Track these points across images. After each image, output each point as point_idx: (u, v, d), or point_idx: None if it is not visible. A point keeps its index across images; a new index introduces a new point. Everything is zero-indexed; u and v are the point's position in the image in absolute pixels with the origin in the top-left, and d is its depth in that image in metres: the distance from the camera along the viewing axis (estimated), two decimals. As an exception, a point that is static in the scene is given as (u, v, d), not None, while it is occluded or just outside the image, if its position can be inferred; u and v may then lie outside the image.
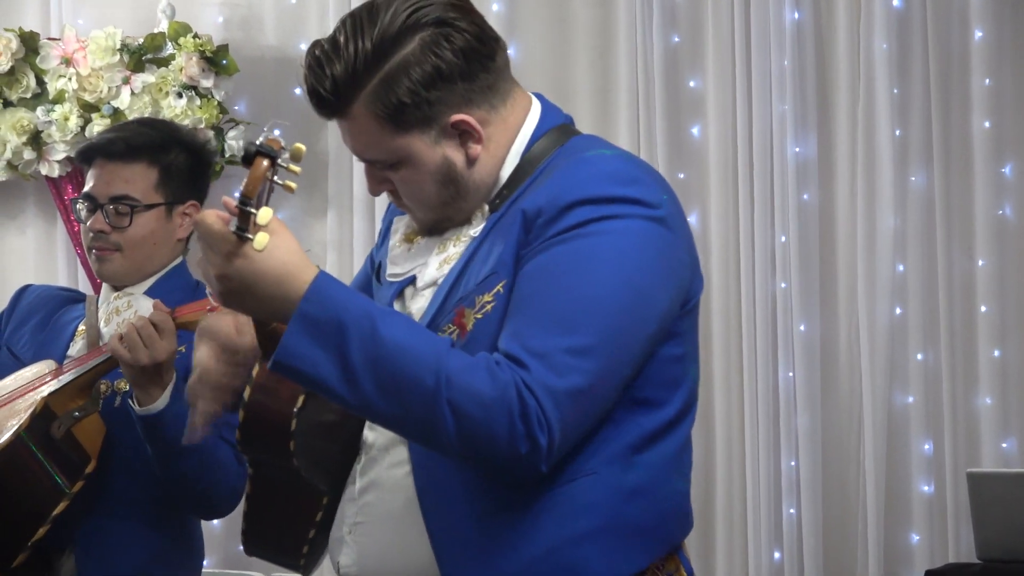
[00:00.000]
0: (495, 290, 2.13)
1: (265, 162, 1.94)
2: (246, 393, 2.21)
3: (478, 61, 2.19)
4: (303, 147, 1.99)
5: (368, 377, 2.01)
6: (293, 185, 1.98)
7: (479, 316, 2.13)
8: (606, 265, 2.09)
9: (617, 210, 2.11)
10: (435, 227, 2.29)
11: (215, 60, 5.44)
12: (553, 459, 2.07)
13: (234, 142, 5.48)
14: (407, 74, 2.16)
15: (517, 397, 2.02)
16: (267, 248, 1.98)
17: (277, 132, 2.06)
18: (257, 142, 1.96)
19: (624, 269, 2.10)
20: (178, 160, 3.31)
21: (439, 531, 2.16)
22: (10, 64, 5.42)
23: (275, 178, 1.96)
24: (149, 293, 3.26)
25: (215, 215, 2.01)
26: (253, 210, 1.94)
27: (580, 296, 2.07)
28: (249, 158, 1.94)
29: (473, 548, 2.14)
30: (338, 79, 2.18)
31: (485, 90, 2.21)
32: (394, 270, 2.34)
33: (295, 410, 2.18)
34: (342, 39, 2.20)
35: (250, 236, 1.96)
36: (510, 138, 2.25)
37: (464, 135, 2.21)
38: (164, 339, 2.94)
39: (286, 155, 1.97)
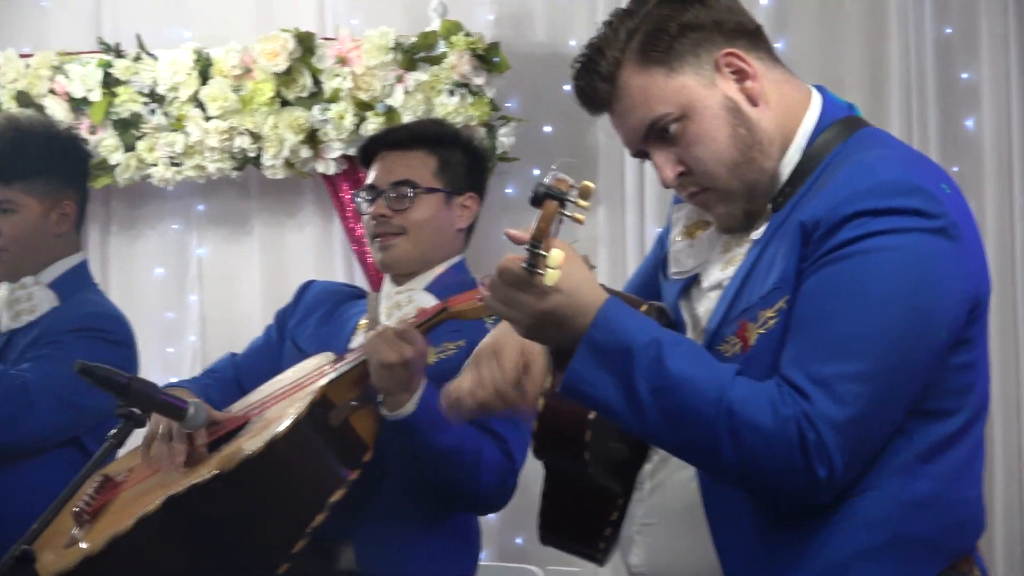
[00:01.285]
0: (777, 306, 2.12)
1: (554, 203, 1.97)
2: (540, 403, 2.25)
3: (739, 13, 2.23)
4: (592, 185, 2.01)
5: (652, 405, 2.04)
6: (582, 218, 2.00)
7: (762, 331, 2.13)
8: (887, 286, 2.05)
9: (896, 223, 2.07)
10: (736, 218, 2.25)
11: (486, 58, 5.49)
12: (836, 489, 2.06)
13: (505, 139, 5.54)
14: (670, 16, 2.19)
15: (797, 431, 2.02)
16: (557, 284, 2.01)
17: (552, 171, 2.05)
18: (545, 183, 1.99)
19: (905, 289, 2.05)
20: (455, 155, 3.39)
21: (724, 541, 2.18)
22: (287, 64, 5.57)
23: (564, 211, 1.99)
24: (428, 289, 3.32)
25: (509, 257, 2.04)
26: (544, 252, 1.98)
27: (860, 320, 2.04)
28: (539, 200, 1.98)
29: (759, 561, 2.14)
30: (606, 53, 2.21)
31: (752, 37, 2.22)
32: (676, 267, 2.34)
33: (589, 419, 2.22)
34: (604, 29, 2.25)
35: (541, 272, 1.99)
36: (789, 115, 2.23)
37: (738, 73, 2.20)
38: (409, 342, 2.97)
39: (575, 193, 1.99)
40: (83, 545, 2.92)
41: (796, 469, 2.03)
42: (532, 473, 2.90)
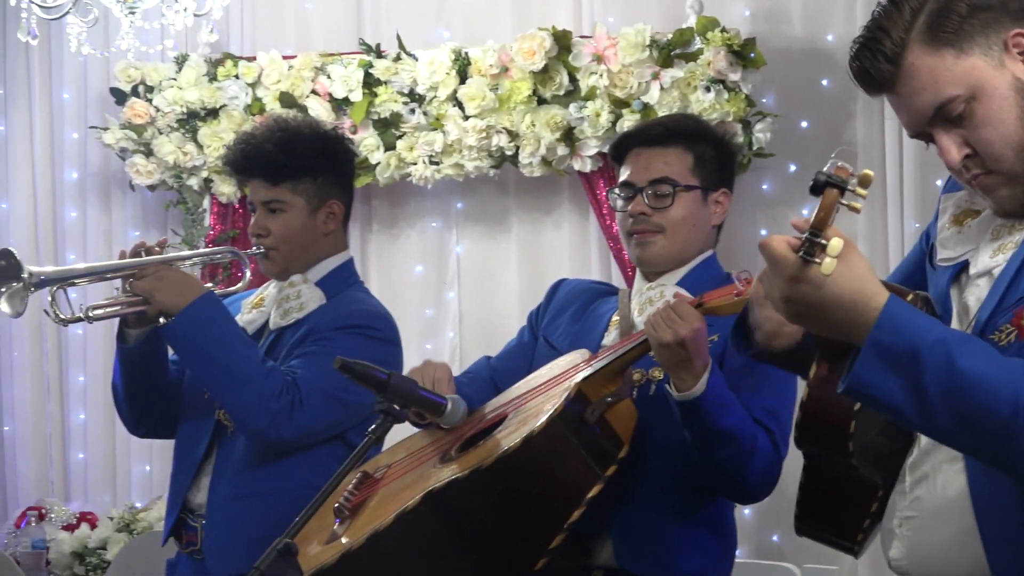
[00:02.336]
0: None
1: (835, 192, 1.95)
2: (804, 393, 2.22)
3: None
4: (871, 173, 1.98)
5: (942, 407, 1.98)
6: (859, 206, 1.97)
7: None
8: None
9: None
10: (1019, 201, 2.19)
11: (742, 53, 5.43)
12: None
13: (761, 135, 5.47)
14: None
15: None
16: (835, 274, 1.97)
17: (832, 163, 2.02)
18: (826, 171, 1.96)
19: None
20: (708, 151, 3.36)
21: (992, 535, 2.11)
22: (544, 62, 5.59)
23: (842, 200, 1.96)
24: (680, 284, 3.28)
25: (781, 240, 2.01)
26: (824, 240, 1.95)
27: None
28: (819, 189, 1.95)
29: None
30: (890, 33, 2.15)
31: None
32: (945, 254, 2.28)
33: (854, 410, 2.18)
34: (886, 7, 2.17)
35: (817, 261, 1.96)
36: None
37: None
38: (685, 320, 2.94)
39: (854, 182, 1.97)
40: (343, 540, 2.95)
41: None
42: (789, 469, 2.86)
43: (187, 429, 3.74)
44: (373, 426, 2.74)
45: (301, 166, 3.70)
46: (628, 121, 5.46)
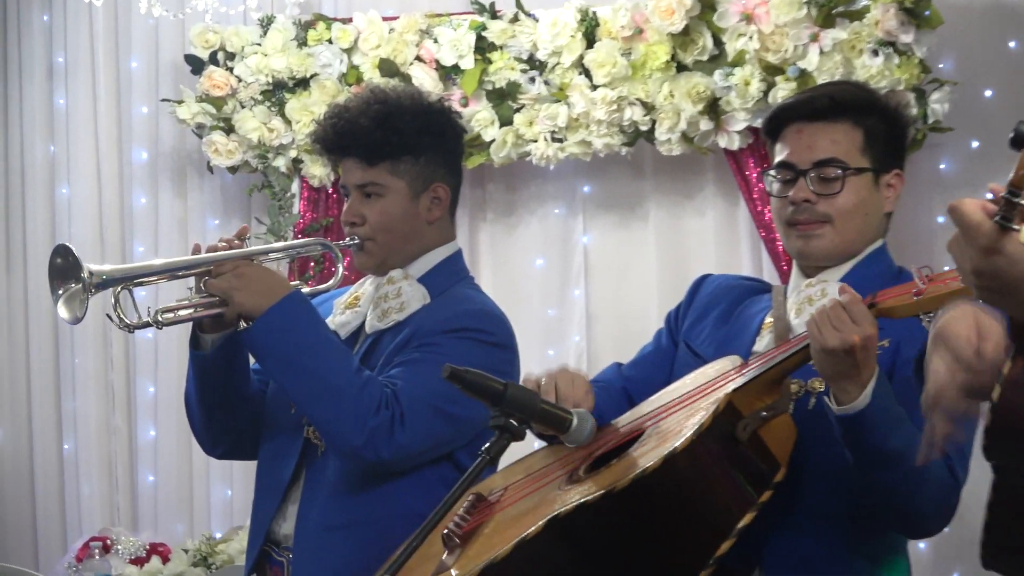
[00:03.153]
0: None
1: None
2: (994, 393, 2.19)
3: None
4: None
5: None
6: None
7: None
8: None
9: None
10: None
11: (916, 11, 5.36)
12: None
13: (938, 106, 5.42)
14: None
15: None
16: None
17: None
18: None
19: None
20: (879, 126, 3.32)
21: None
22: (684, 23, 5.57)
23: None
24: (846, 280, 3.23)
25: (975, 204, 2.00)
26: (1023, 200, 1.94)
27: None
28: (1020, 142, 1.93)
29: None
30: None
31: None
32: None
33: None
34: None
35: (1016, 228, 1.95)
36: None
37: None
38: (857, 322, 2.90)
39: None
40: (453, 572, 2.97)
41: None
42: (970, 497, 2.84)
43: (271, 449, 3.77)
44: (487, 444, 2.76)
45: (402, 144, 3.71)
46: (782, 91, 5.44)
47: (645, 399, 3.27)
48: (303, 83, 6.27)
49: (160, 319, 3.52)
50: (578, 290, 6.14)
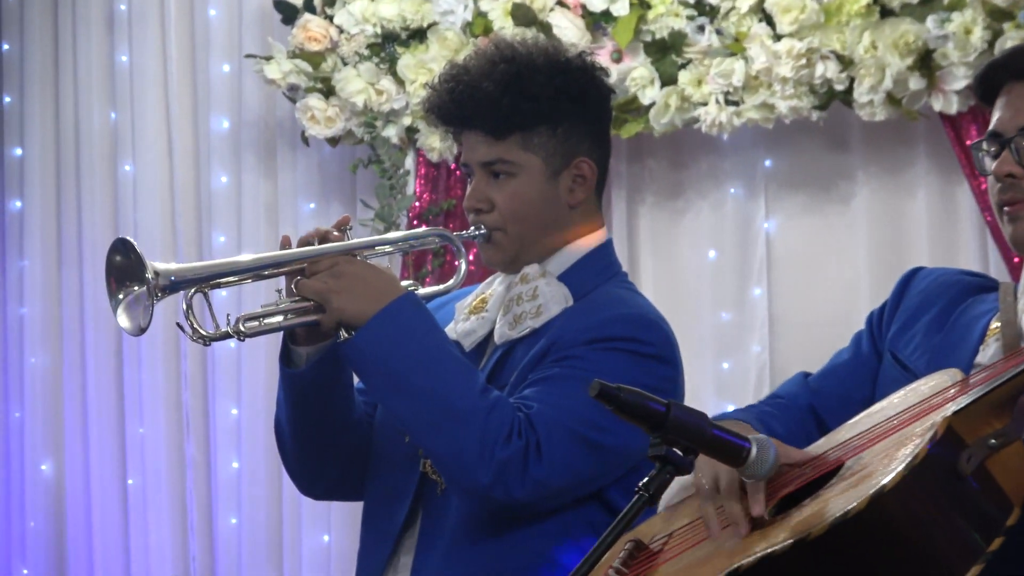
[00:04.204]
0: None
1: None
2: None
3: None
4: None
5: None
6: None
7: None
8: None
9: None
10: None
11: None
12: None
13: None
14: None
15: None
16: None
17: None
18: None
19: None
20: None
21: None
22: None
23: None
24: None
25: None
26: None
27: None
28: None
29: None
30: None
31: None
32: None
33: None
34: None
35: None
36: None
37: None
38: None
39: None
40: (610, 640, 2.99)
41: None
42: None
43: (380, 487, 3.80)
44: (645, 479, 2.75)
45: (536, 112, 3.71)
46: (1011, 40, 5.43)
47: (838, 420, 3.27)
48: (419, 34, 6.32)
49: (243, 329, 3.53)
50: (759, 289, 6.14)
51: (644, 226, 6.30)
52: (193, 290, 3.54)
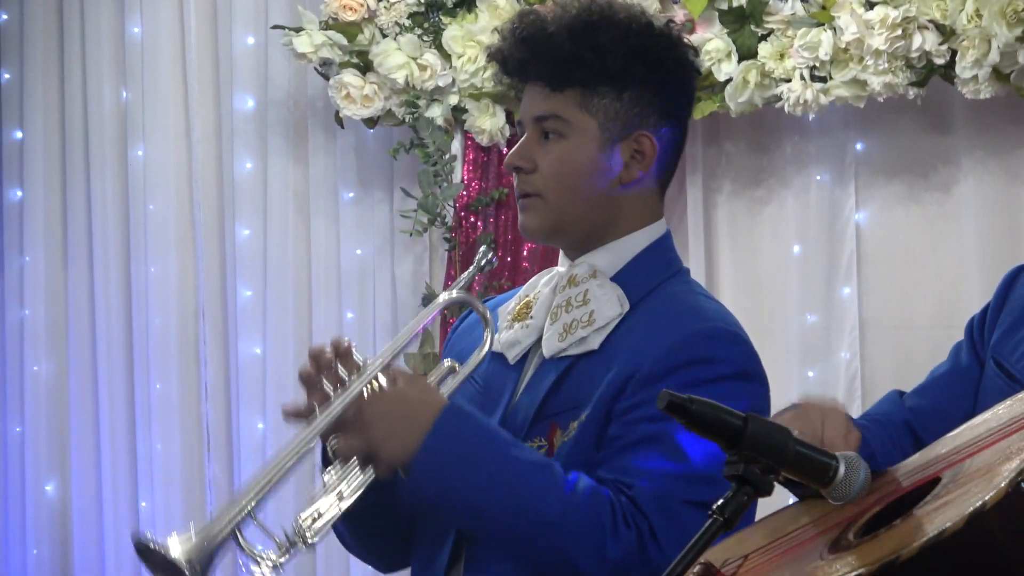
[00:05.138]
0: None
1: None
2: None
3: None
4: None
5: None
6: None
7: None
8: None
9: None
10: None
11: None
12: None
13: None
14: None
15: None
16: None
17: None
18: None
19: None
20: None
21: None
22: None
23: None
24: None
25: None
26: None
27: None
28: None
29: None
30: None
31: None
32: None
33: None
34: None
35: None
36: None
37: None
38: None
39: None
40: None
41: None
42: None
43: (420, 537, 3.83)
44: (720, 501, 2.79)
45: (601, 68, 3.67)
46: None
47: (937, 437, 3.30)
48: (467, 2, 6.36)
49: (308, 536, 3.54)
50: (849, 288, 6.14)
51: (720, 217, 6.29)
52: (228, 538, 3.47)
